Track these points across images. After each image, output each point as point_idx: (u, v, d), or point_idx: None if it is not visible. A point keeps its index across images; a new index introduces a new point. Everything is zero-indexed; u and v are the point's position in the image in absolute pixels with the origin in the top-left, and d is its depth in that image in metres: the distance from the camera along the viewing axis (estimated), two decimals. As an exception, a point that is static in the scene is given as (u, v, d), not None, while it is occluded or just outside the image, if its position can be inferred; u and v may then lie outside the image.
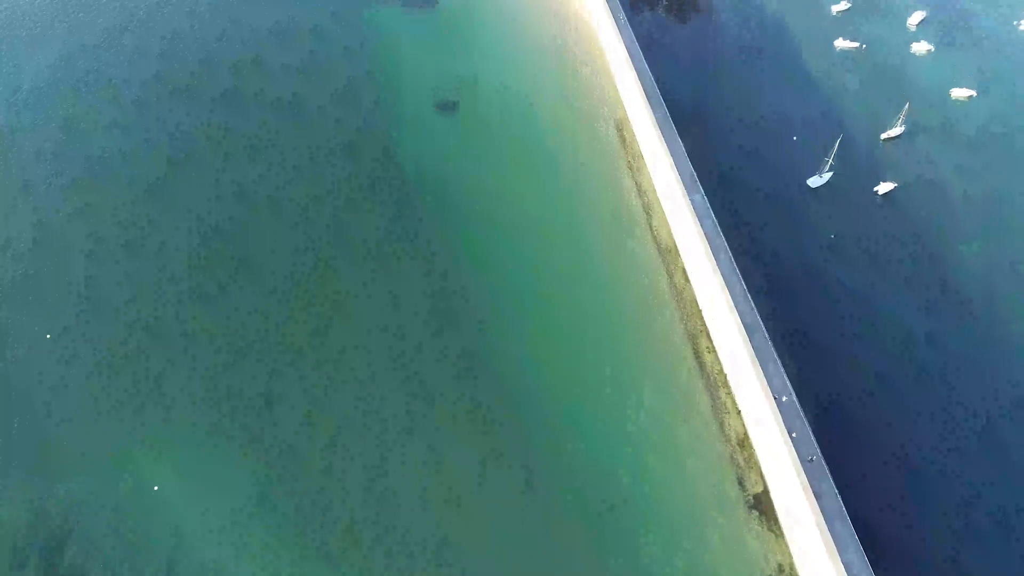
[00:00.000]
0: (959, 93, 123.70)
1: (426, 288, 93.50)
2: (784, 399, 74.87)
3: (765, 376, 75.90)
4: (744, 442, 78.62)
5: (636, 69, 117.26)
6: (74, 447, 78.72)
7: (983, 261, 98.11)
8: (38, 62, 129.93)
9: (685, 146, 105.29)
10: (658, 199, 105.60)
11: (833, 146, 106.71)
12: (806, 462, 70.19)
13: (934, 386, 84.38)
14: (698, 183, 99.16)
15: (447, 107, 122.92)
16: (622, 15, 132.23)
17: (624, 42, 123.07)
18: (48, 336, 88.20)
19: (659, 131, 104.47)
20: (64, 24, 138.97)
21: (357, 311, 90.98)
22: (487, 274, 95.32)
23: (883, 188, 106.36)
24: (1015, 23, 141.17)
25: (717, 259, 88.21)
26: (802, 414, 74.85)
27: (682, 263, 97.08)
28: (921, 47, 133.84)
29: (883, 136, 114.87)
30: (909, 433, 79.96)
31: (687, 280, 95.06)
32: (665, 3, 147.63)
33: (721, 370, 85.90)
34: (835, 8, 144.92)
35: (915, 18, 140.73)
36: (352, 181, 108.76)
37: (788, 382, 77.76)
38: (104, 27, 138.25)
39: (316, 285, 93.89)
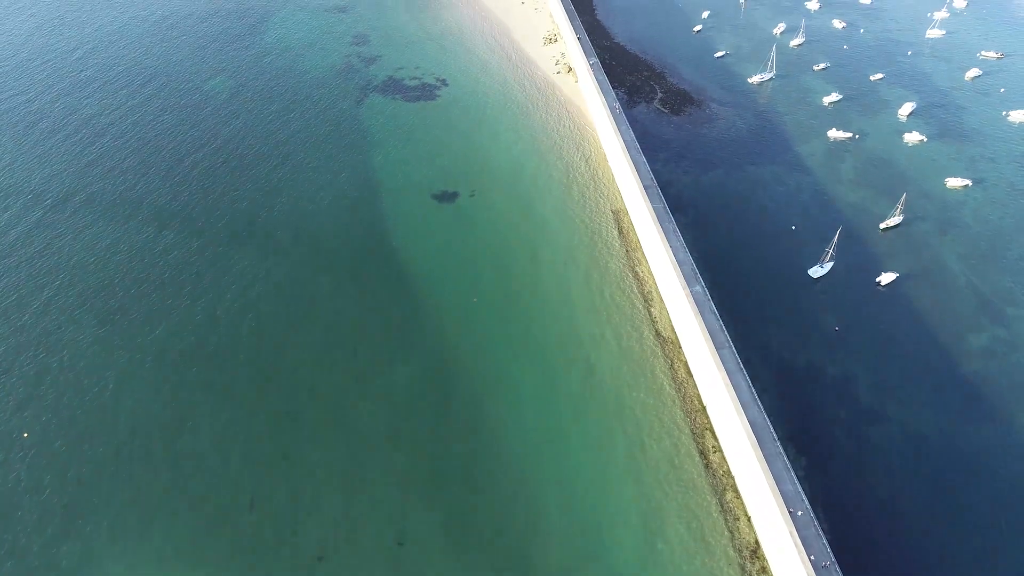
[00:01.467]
0: (954, 182, 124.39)
1: (421, 381, 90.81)
2: (800, 513, 70.87)
3: (777, 484, 72.13)
4: (756, 552, 74.07)
5: (633, 161, 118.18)
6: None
7: (993, 351, 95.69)
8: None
9: (684, 237, 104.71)
10: (658, 290, 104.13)
11: (833, 236, 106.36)
12: (820, 567, 65.96)
13: (945, 488, 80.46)
14: (698, 275, 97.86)
15: (446, 197, 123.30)
16: (618, 106, 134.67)
17: (621, 134, 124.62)
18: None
19: (657, 223, 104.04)
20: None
21: (348, 423, 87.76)
22: (481, 367, 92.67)
23: (885, 278, 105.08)
24: (1003, 113, 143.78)
25: (720, 354, 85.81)
26: (816, 525, 70.69)
27: (684, 356, 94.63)
28: (913, 137, 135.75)
29: (882, 225, 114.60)
30: (925, 542, 75.53)
31: (689, 374, 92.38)
32: (661, 95, 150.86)
33: (728, 471, 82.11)
34: (827, 99, 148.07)
35: (905, 109, 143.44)
36: (346, 270, 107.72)
37: (800, 488, 73.88)
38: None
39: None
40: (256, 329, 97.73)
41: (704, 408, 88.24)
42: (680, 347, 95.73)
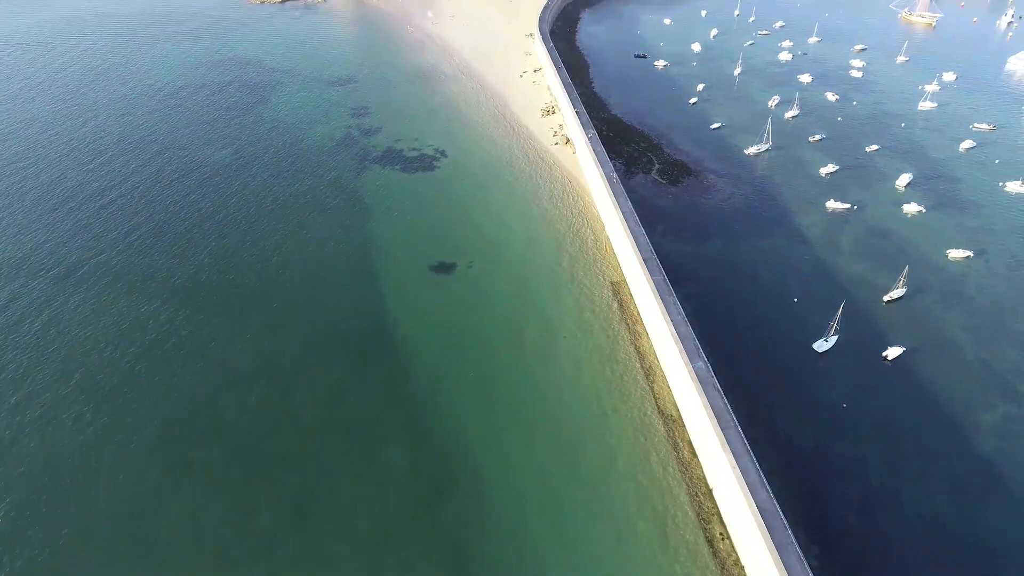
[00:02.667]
0: (956, 254, 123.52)
1: (415, 464, 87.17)
2: (812, 603, 66.64)
3: (789, 576, 68.02)
4: (770, 652, 69.24)
5: (632, 232, 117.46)
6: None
7: (1007, 430, 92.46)
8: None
9: (685, 310, 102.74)
10: (659, 364, 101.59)
11: (837, 309, 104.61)
12: None
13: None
14: (700, 350, 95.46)
15: (443, 269, 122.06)
16: (616, 177, 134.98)
17: (619, 205, 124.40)
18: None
19: (658, 296, 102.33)
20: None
21: (341, 499, 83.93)
22: (478, 448, 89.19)
23: (892, 353, 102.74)
24: (1000, 184, 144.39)
25: (726, 434, 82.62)
26: (834, 621, 66.34)
27: (688, 435, 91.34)
28: (912, 208, 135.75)
29: (886, 298, 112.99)
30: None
31: (694, 454, 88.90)
32: (658, 166, 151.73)
33: (738, 560, 77.82)
34: (823, 170, 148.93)
35: (902, 180, 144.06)
36: (340, 344, 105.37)
37: (814, 580, 69.75)
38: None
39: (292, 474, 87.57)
40: (247, 409, 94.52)
41: (710, 491, 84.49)
42: (684, 426, 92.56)
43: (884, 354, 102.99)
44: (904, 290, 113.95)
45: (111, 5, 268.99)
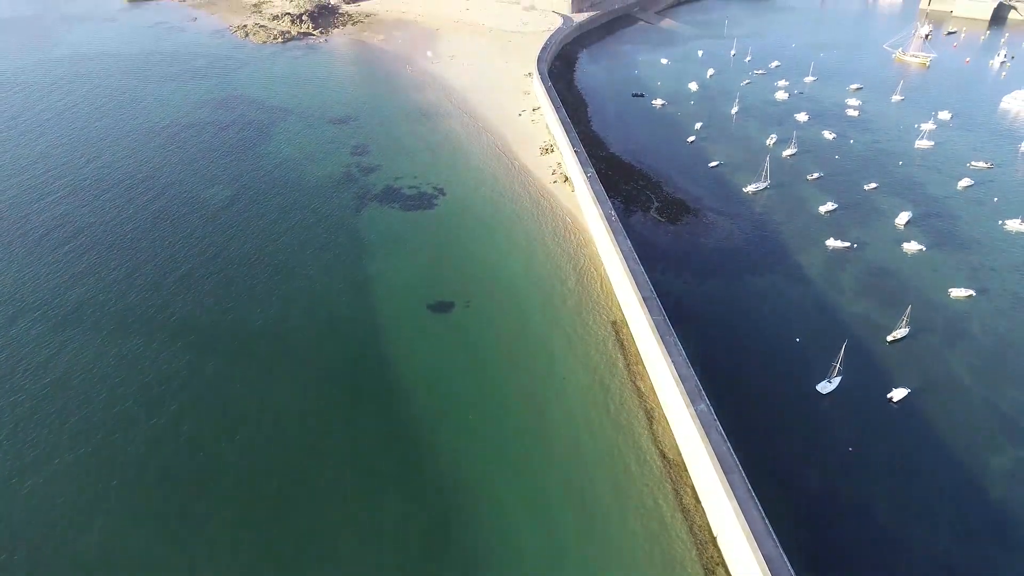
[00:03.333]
0: (958, 293, 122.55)
1: (411, 512, 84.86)
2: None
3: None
4: None
5: (631, 271, 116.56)
6: None
7: (1016, 475, 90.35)
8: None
9: (686, 350, 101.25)
10: (660, 406, 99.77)
11: (840, 350, 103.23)
12: None
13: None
14: (702, 391, 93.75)
15: (441, 307, 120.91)
16: (615, 216, 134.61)
17: (619, 244, 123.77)
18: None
19: (658, 336, 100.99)
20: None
21: (331, 550, 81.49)
22: (476, 494, 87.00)
23: (897, 394, 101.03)
24: (999, 223, 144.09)
25: (730, 479, 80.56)
26: None
27: (691, 480, 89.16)
28: (912, 247, 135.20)
29: (889, 338, 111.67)
30: None
31: (697, 501, 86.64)
32: (657, 204, 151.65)
33: (744, 612, 75.13)
34: (822, 208, 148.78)
35: (902, 218, 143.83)
36: (336, 387, 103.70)
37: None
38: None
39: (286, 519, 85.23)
40: (240, 453, 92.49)
41: (714, 539, 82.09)
42: (686, 470, 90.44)
43: (889, 395, 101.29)
44: (907, 329, 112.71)
45: (116, 45, 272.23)
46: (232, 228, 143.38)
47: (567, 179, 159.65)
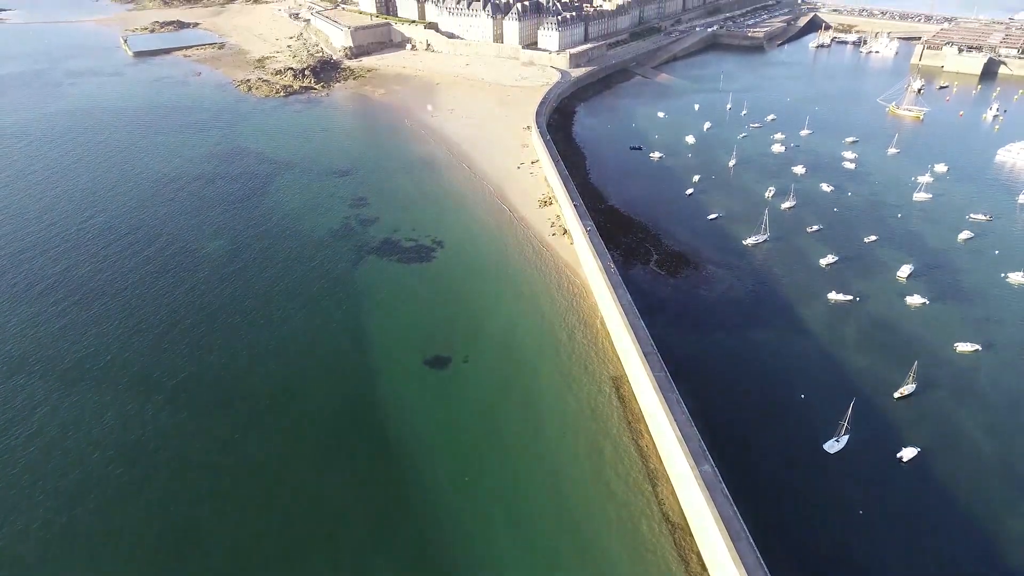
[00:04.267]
0: (964, 347, 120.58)
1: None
2: None
3: None
4: None
5: (631, 325, 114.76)
6: None
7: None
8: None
9: (688, 408, 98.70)
10: (664, 467, 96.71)
11: (845, 405, 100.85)
12: None
13: None
14: (706, 452, 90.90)
15: (438, 363, 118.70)
16: (614, 269, 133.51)
17: (618, 297, 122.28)
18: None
19: (660, 393, 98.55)
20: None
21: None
22: (473, 560, 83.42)
23: (907, 454, 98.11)
24: (1002, 275, 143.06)
25: (737, 547, 77.18)
26: None
27: (696, 546, 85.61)
28: (915, 300, 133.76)
29: (896, 394, 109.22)
30: None
31: (704, 568, 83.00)
32: (657, 257, 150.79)
33: None
34: (823, 261, 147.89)
35: (903, 271, 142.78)
36: (328, 444, 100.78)
37: None
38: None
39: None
40: (228, 519, 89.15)
41: (723, 610, 78.29)
42: (692, 535, 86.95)
43: (899, 455, 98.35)
44: (914, 385, 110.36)
45: (121, 99, 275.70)
46: (230, 282, 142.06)
47: (566, 231, 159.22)
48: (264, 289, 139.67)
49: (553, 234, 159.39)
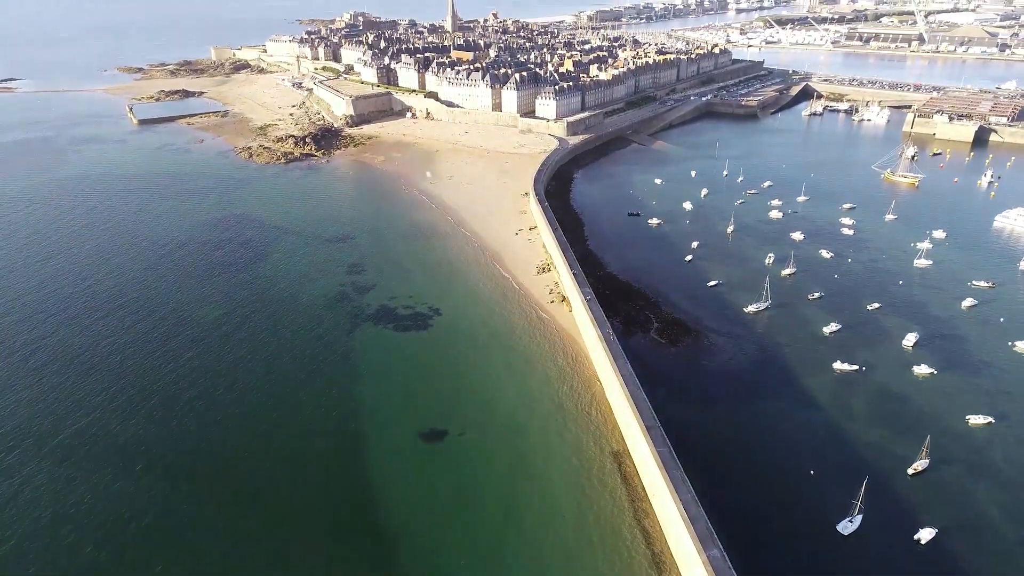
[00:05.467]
0: (976, 420, 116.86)
1: None
2: None
3: None
4: None
5: (633, 397, 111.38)
6: None
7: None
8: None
9: (694, 485, 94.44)
10: (669, 550, 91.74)
11: (856, 482, 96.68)
12: None
13: None
14: (714, 534, 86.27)
15: (433, 436, 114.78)
16: (614, 337, 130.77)
17: (619, 368, 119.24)
18: None
19: (664, 471, 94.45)
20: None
21: None
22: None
23: (924, 535, 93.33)
24: (1008, 344, 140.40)
25: (751, 642, 72.05)
26: None
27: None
28: (922, 370, 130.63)
29: (910, 471, 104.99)
30: None
31: (716, 664, 77.42)
32: (657, 325, 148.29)
33: None
34: (826, 329, 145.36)
35: (909, 340, 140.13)
36: (320, 525, 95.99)
37: None
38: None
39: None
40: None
41: None
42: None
43: (916, 536, 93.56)
44: (928, 461, 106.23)
45: (123, 166, 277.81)
46: (224, 352, 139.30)
47: (565, 299, 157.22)
48: (257, 359, 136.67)
49: (552, 301, 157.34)
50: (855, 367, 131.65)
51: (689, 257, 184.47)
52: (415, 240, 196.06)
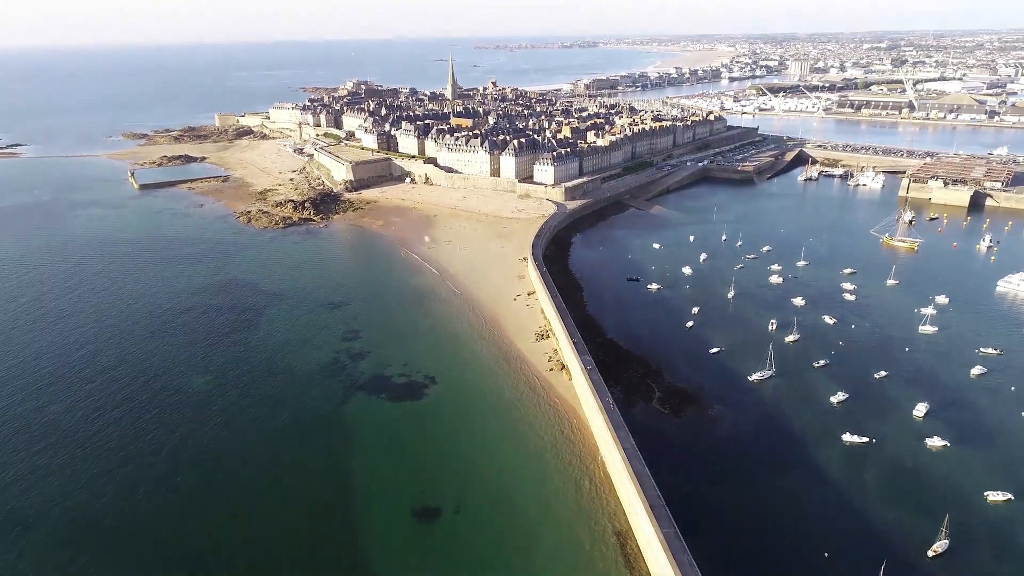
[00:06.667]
0: (995, 497, 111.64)
1: None
2: None
3: None
4: None
5: (636, 473, 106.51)
6: None
7: None
8: None
9: (703, 570, 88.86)
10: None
11: (877, 568, 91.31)
12: None
13: None
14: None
15: (427, 513, 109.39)
16: (615, 408, 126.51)
17: (620, 441, 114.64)
18: None
19: (671, 556, 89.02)
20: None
21: None
22: None
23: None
24: (1021, 413, 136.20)
25: None
26: None
27: None
28: (935, 443, 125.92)
29: (930, 553, 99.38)
30: None
31: None
32: (659, 395, 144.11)
33: None
34: (833, 399, 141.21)
35: (919, 410, 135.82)
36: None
37: None
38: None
39: None
40: None
41: None
42: None
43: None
44: (948, 542, 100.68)
45: (121, 231, 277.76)
46: (214, 422, 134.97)
47: (564, 367, 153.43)
48: (243, 429, 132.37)
49: (551, 369, 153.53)
50: (865, 439, 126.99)
51: (690, 323, 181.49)
52: (412, 305, 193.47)
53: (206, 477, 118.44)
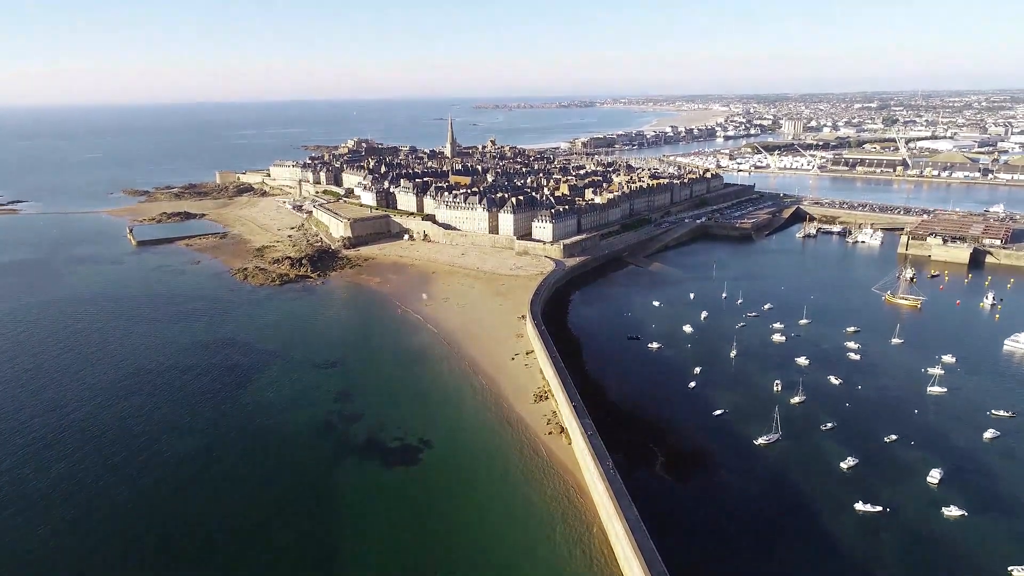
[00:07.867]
0: (1020, 572, 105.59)
1: None
2: None
3: None
4: None
5: (639, 546, 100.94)
6: None
7: None
8: None
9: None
10: None
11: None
12: None
13: None
14: None
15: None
16: (616, 475, 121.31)
17: (622, 510, 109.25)
18: None
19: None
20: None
21: None
22: None
23: None
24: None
25: None
26: None
27: None
28: (952, 512, 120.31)
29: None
30: None
31: None
32: (662, 459, 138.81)
33: None
34: (843, 464, 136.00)
35: (933, 476, 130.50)
36: None
37: None
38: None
39: None
40: None
41: None
42: None
43: None
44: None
45: (116, 288, 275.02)
46: (199, 489, 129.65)
47: (563, 430, 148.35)
48: (231, 496, 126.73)
49: (549, 432, 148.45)
50: (879, 508, 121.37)
51: (692, 384, 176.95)
52: (408, 365, 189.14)
53: (185, 551, 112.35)
